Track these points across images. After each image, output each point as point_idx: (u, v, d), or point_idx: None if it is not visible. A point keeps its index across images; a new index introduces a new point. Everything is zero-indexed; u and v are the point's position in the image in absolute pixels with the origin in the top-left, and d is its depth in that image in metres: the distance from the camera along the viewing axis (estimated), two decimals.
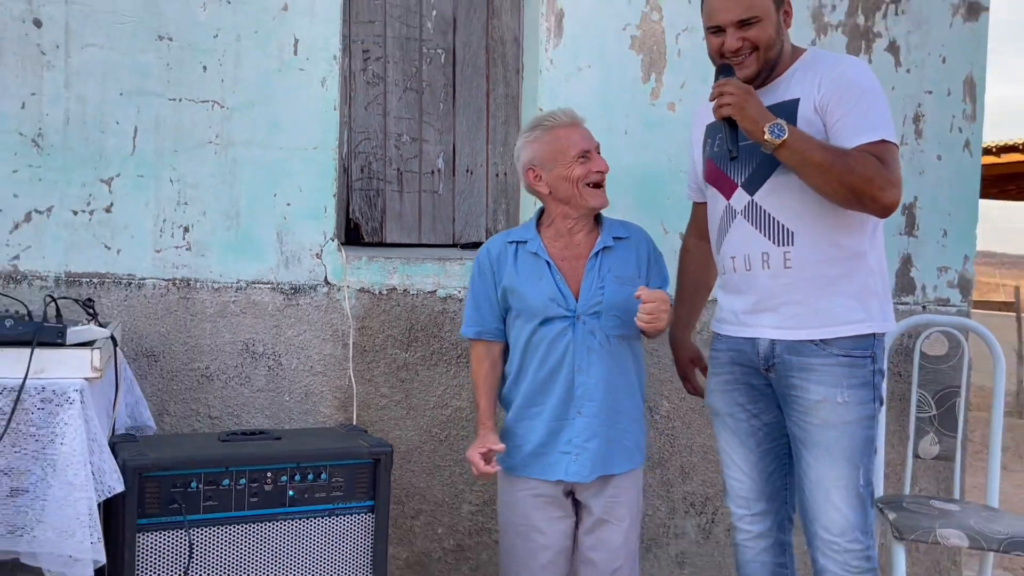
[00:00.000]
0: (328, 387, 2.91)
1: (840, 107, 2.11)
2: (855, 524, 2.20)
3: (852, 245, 2.23)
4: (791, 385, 2.25)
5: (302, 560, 2.29)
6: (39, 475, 1.98)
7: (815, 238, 2.20)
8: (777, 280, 2.23)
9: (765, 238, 2.24)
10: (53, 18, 2.65)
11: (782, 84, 2.24)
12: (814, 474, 2.25)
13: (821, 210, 2.16)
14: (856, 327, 2.21)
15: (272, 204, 2.84)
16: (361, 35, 3.04)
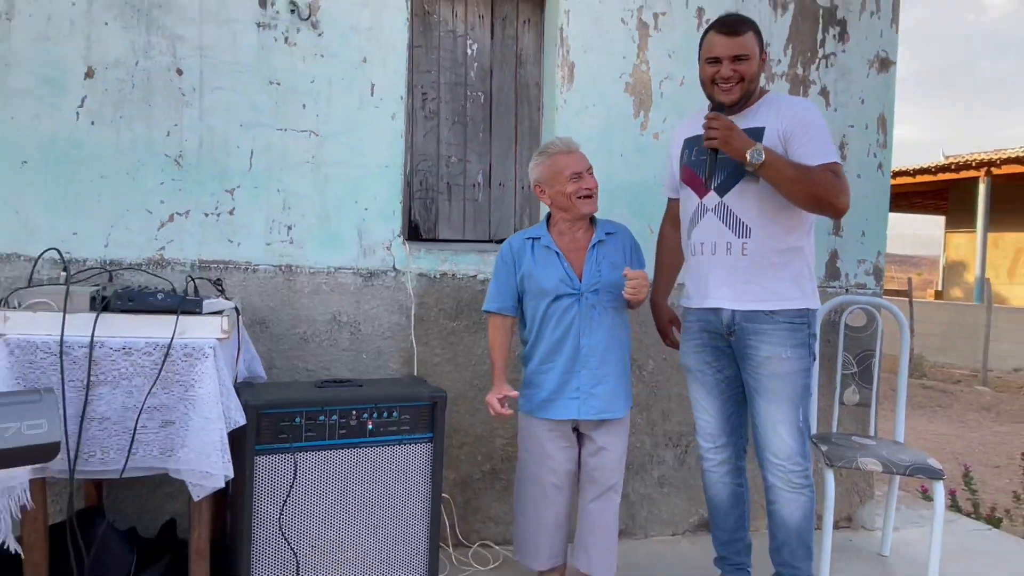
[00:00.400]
0: (395, 348, 2.85)
1: (801, 136, 2.12)
2: (796, 451, 2.23)
3: (793, 241, 2.25)
4: (747, 345, 2.26)
5: (378, 479, 2.26)
6: (183, 411, 1.96)
7: (767, 233, 2.20)
8: (736, 264, 2.24)
9: (729, 231, 2.24)
10: (191, 68, 2.59)
11: (750, 114, 2.23)
12: (765, 413, 2.27)
13: (773, 213, 2.18)
14: (795, 302, 2.24)
15: (354, 209, 2.79)
16: (421, 82, 2.98)
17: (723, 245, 2.26)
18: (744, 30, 2.16)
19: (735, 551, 2.52)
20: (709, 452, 2.47)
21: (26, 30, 2.47)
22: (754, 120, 2.21)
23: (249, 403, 2.05)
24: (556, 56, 2.96)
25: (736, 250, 2.24)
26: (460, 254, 2.92)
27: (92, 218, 2.53)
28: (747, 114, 2.23)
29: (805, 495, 2.28)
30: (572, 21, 2.95)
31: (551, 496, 2.40)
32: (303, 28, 2.69)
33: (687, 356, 2.47)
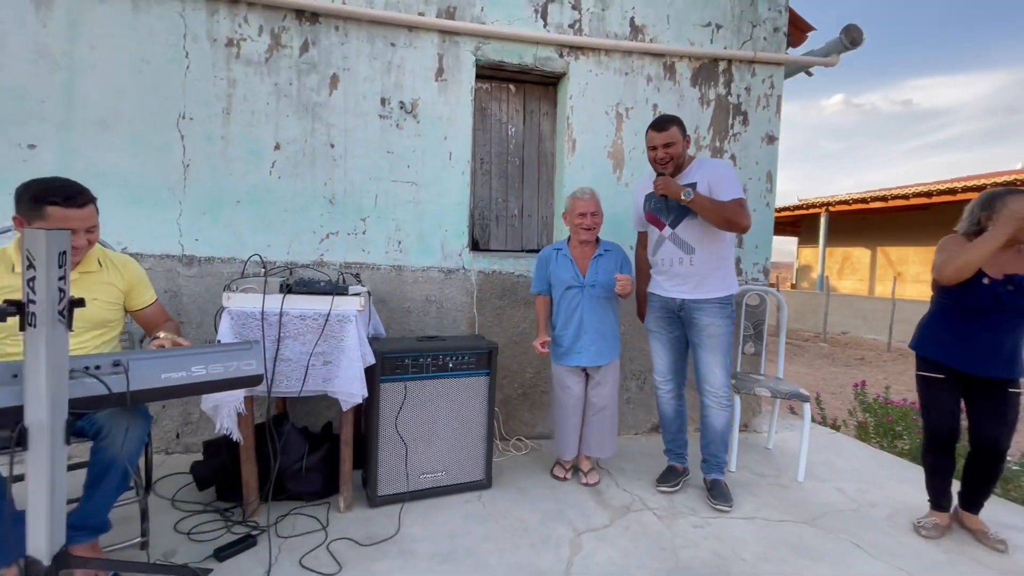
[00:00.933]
0: (463, 317, 2.87)
1: (721, 183, 2.14)
2: (724, 382, 2.25)
3: (721, 253, 2.25)
4: (693, 318, 2.26)
5: (455, 398, 2.28)
6: (336, 355, 1.99)
7: (705, 251, 2.23)
8: (686, 271, 2.26)
9: (680, 251, 2.25)
10: (339, 143, 2.63)
11: (687, 175, 2.24)
12: (705, 359, 2.28)
13: (708, 238, 2.21)
14: (724, 292, 2.26)
15: (439, 231, 2.80)
16: (480, 152, 2.98)
17: (676, 260, 2.28)
18: (670, 126, 2.18)
19: (676, 445, 2.54)
20: (660, 384, 2.48)
21: (239, 120, 2.57)
22: (689, 178, 2.22)
23: (377, 350, 2.07)
24: (564, 135, 2.95)
25: (686, 262, 2.26)
26: (503, 259, 2.91)
27: (279, 236, 2.58)
28: (684, 175, 2.25)
29: (728, 410, 2.32)
30: (575, 113, 2.95)
31: (571, 412, 2.42)
32: (408, 119, 2.75)
33: (651, 323, 2.47)
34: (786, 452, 3.05)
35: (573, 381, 2.43)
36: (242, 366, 1.47)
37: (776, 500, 2.42)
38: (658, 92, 3.06)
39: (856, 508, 2.38)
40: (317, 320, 1.99)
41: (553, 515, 2.18)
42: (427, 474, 2.25)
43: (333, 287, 2.03)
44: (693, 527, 2.14)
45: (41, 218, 1.50)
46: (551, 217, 3.14)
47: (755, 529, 2.15)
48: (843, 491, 2.55)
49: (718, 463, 2.39)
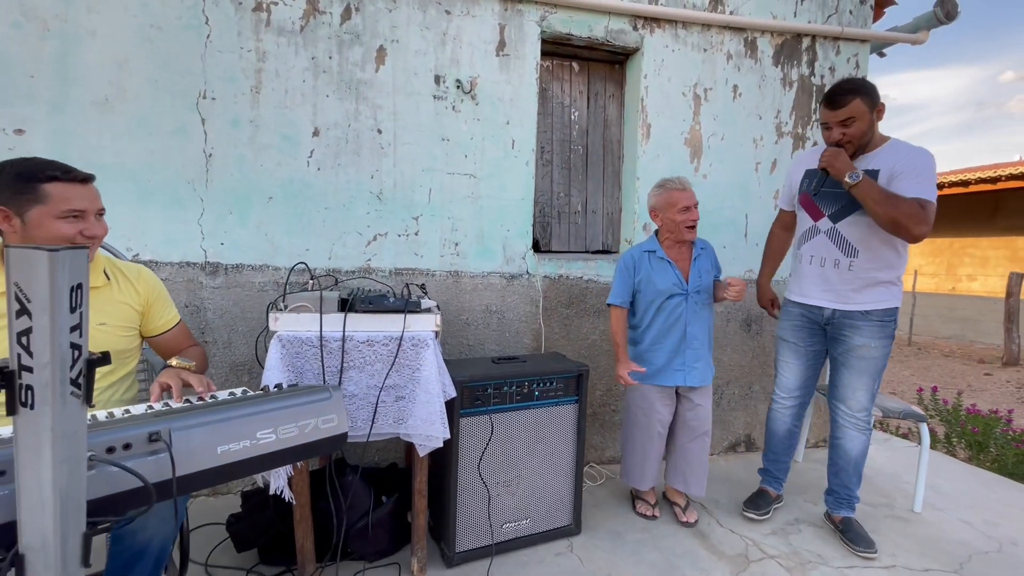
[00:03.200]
0: (528, 329, 2.46)
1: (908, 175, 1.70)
2: (867, 406, 1.92)
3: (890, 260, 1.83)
4: (843, 335, 1.87)
5: (542, 431, 1.89)
6: (411, 388, 1.58)
7: (872, 254, 1.80)
8: (843, 276, 1.85)
9: (839, 251, 1.84)
10: (387, 129, 2.20)
11: (869, 158, 1.79)
12: (849, 380, 1.91)
13: (874, 240, 1.77)
14: (888, 304, 1.85)
15: (500, 230, 2.38)
16: (541, 141, 2.56)
17: (831, 261, 1.85)
18: (850, 99, 1.71)
19: (778, 469, 2.19)
20: (782, 399, 2.11)
21: (270, 100, 2.11)
22: (874, 162, 1.76)
23: (456, 379, 1.67)
24: (637, 119, 2.54)
25: (843, 265, 1.83)
26: (571, 261, 2.51)
27: (319, 238, 2.14)
28: (869, 157, 1.78)
29: (867, 436, 1.93)
30: (649, 94, 2.54)
31: (655, 439, 2.04)
32: (465, 99, 2.31)
33: (786, 332, 2.06)
34: (881, 473, 2.69)
35: (664, 404, 2.05)
36: (321, 424, 1.05)
37: (904, 539, 2.05)
38: (738, 72, 2.66)
39: (999, 548, 2.02)
40: (388, 346, 1.57)
41: (665, 570, 1.79)
42: (510, 523, 1.85)
43: (404, 303, 1.61)
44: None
45: (37, 201, 1.08)
46: (617, 214, 2.73)
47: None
48: (970, 524, 2.20)
49: (849, 497, 2.02)
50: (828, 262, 1.87)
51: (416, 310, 1.62)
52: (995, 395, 5.47)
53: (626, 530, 2.04)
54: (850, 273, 1.83)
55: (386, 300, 1.61)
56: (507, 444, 1.82)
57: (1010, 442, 3.05)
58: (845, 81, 1.77)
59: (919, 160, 1.70)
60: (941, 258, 12.76)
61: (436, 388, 1.58)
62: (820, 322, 1.95)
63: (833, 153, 1.74)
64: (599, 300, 2.54)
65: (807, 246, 1.94)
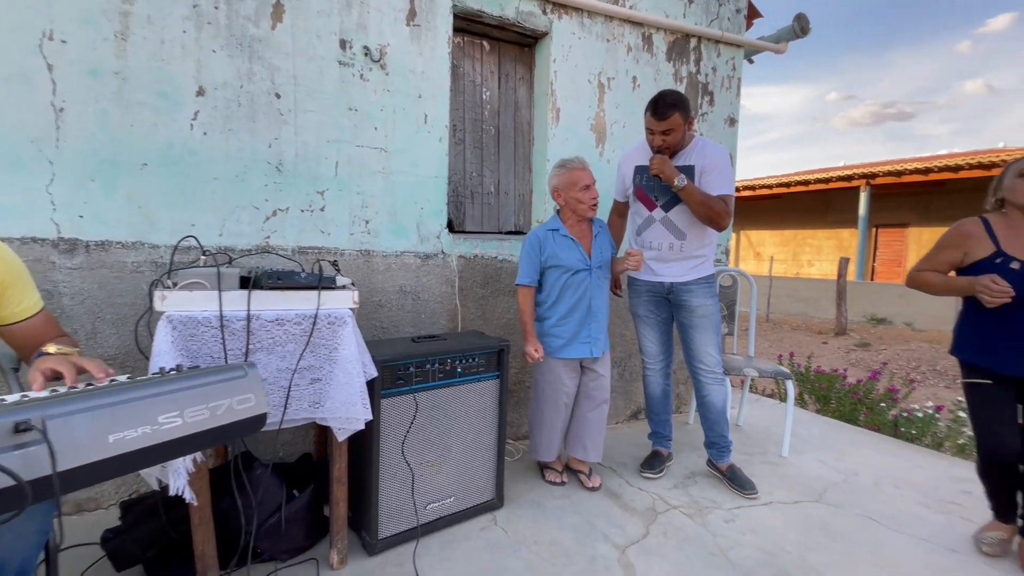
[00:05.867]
0: (444, 309, 2.42)
1: (712, 172, 2.06)
2: (718, 360, 2.23)
3: (708, 238, 2.17)
4: (683, 300, 2.17)
5: (467, 405, 1.87)
6: (328, 369, 1.48)
7: (696, 236, 2.14)
8: (676, 256, 2.15)
9: (672, 236, 2.14)
10: (287, 93, 2.00)
11: (684, 155, 2.11)
12: (698, 339, 2.20)
13: (696, 225, 2.10)
14: (709, 272, 2.19)
15: (414, 208, 2.30)
16: (454, 118, 2.51)
17: (667, 245, 2.15)
18: (671, 113, 1.97)
19: (663, 427, 2.42)
20: (651, 365, 2.35)
21: (141, 50, 1.80)
22: (688, 159, 2.07)
23: (376, 358, 1.58)
24: (547, 103, 2.59)
25: (676, 247, 2.14)
26: (485, 241, 2.49)
27: (208, 212, 1.89)
28: (683, 155, 2.08)
29: (724, 386, 2.23)
30: (558, 79, 2.61)
31: (562, 411, 2.13)
32: (374, 68, 2.18)
33: (638, 307, 2.31)
34: (755, 428, 3.06)
35: (570, 376, 2.13)
36: (236, 404, 0.93)
37: (777, 479, 2.36)
38: (637, 64, 2.82)
39: (845, 479, 2.40)
40: (301, 325, 1.44)
41: (585, 531, 1.87)
42: (434, 503, 1.81)
43: (318, 278, 1.48)
44: (725, 522, 1.97)
45: None
46: (529, 195, 2.77)
47: (779, 515, 2.04)
48: (824, 462, 2.59)
49: (726, 444, 2.28)
50: (664, 245, 2.16)
51: (332, 286, 1.51)
52: (831, 359, 6.51)
53: (546, 499, 2.09)
54: (681, 253, 2.14)
55: (297, 276, 1.47)
56: (431, 423, 1.77)
57: (847, 394, 3.64)
58: (668, 94, 1.99)
59: (721, 158, 2.06)
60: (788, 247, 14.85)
61: (356, 368, 1.48)
62: (663, 293, 2.22)
63: (661, 160, 2.01)
64: (512, 280, 2.56)
65: (647, 233, 2.20)
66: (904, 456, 2.74)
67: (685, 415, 3.18)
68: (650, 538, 1.85)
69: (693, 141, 2.12)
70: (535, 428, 2.21)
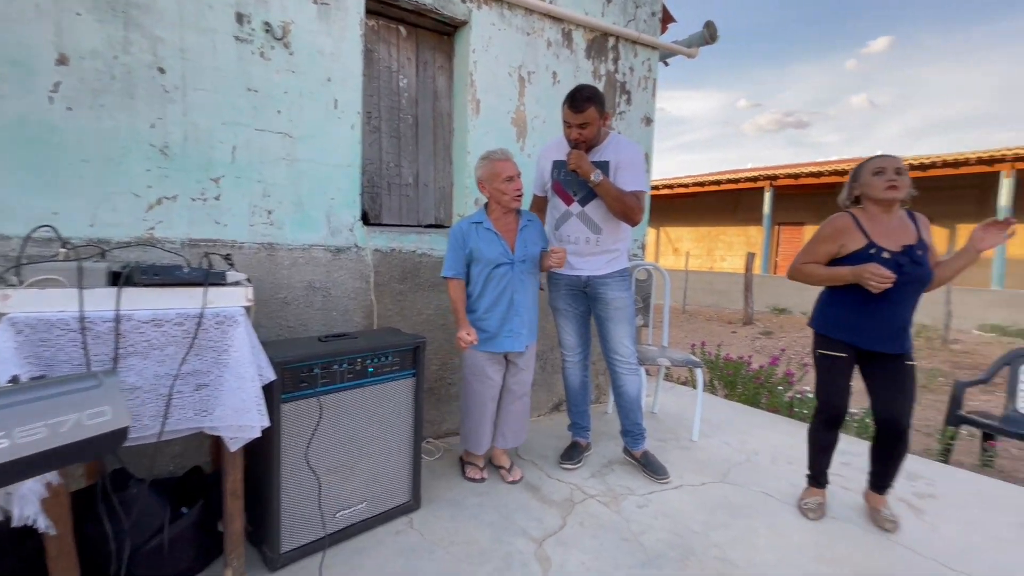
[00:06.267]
0: (358, 306, 2.30)
1: (626, 169, 2.10)
2: (633, 351, 2.29)
3: (623, 232, 2.22)
4: (599, 293, 2.21)
5: (379, 406, 1.79)
6: (216, 374, 1.36)
7: (611, 230, 2.17)
8: (593, 249, 2.18)
9: (588, 230, 2.16)
10: (173, 68, 1.80)
11: (600, 150, 2.13)
12: (613, 331, 2.25)
13: (611, 220, 2.14)
14: (624, 265, 2.24)
15: (323, 198, 2.16)
16: (368, 105, 2.39)
17: (583, 239, 2.18)
18: (587, 106, 2.00)
19: (582, 418, 2.47)
20: (569, 357, 2.39)
21: None
22: (603, 155, 2.11)
23: (275, 360, 1.47)
24: (467, 94, 2.54)
25: (592, 241, 2.17)
26: (404, 235, 2.40)
27: (75, 198, 1.65)
28: (598, 150, 2.12)
29: (638, 376, 2.32)
30: (478, 69, 2.56)
31: (489, 404, 2.13)
32: (277, 46, 2.01)
33: (557, 301, 2.33)
34: (669, 414, 3.21)
35: (495, 370, 2.13)
36: (87, 420, 0.82)
37: (687, 463, 2.49)
38: (557, 60, 2.84)
39: (747, 459, 2.58)
40: (183, 325, 1.29)
41: (502, 527, 1.86)
42: (345, 510, 1.72)
43: (204, 274, 1.34)
44: (639, 508, 2.05)
45: None
46: (449, 188, 2.71)
47: (688, 497, 2.15)
48: (729, 444, 2.77)
49: (641, 432, 2.37)
50: (581, 239, 2.20)
51: (220, 282, 1.37)
52: (739, 346, 7.02)
53: (465, 497, 2.06)
54: (597, 247, 2.19)
55: (178, 271, 1.32)
56: (340, 426, 1.68)
57: (750, 380, 3.93)
58: (585, 88, 2.03)
59: (635, 155, 2.12)
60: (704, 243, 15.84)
61: (249, 372, 1.36)
62: (580, 287, 2.27)
63: (578, 156, 2.04)
64: (433, 274, 2.49)
65: (564, 227, 2.23)
66: (798, 435, 2.99)
67: (605, 404, 3.28)
68: (567, 529, 1.87)
69: (608, 137, 2.16)
70: (464, 420, 2.20)
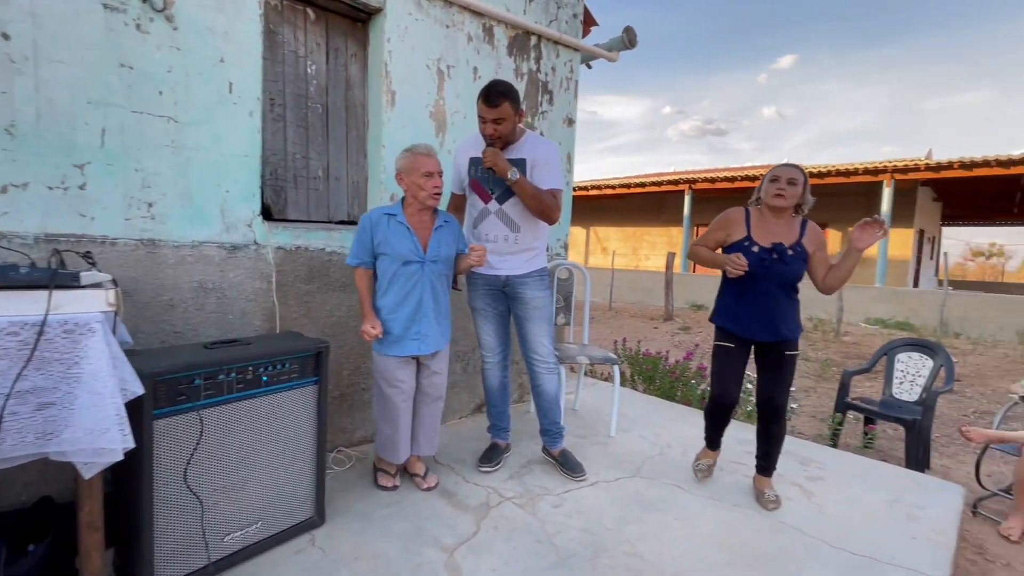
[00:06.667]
0: (258, 309, 2.12)
1: (543, 167, 2.11)
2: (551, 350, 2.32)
3: (541, 231, 2.22)
4: (518, 293, 2.19)
5: (276, 418, 1.66)
6: (65, 390, 1.19)
7: (529, 228, 2.16)
8: (511, 248, 2.16)
9: (507, 228, 2.14)
10: (21, 35, 1.55)
11: (517, 148, 2.12)
12: (532, 330, 2.25)
13: (529, 218, 2.12)
14: (543, 265, 2.23)
15: (216, 191, 1.97)
16: (269, 89, 2.20)
17: (502, 237, 2.16)
18: (501, 101, 1.98)
19: (502, 419, 2.45)
20: (489, 358, 2.37)
21: None
22: (519, 153, 2.10)
23: (145, 371, 1.30)
24: (381, 85, 2.42)
25: (511, 240, 2.15)
26: (311, 231, 2.25)
27: None
28: (514, 148, 2.11)
29: (556, 375, 2.33)
30: (394, 60, 2.44)
31: (402, 409, 2.03)
32: (157, 19, 1.79)
33: (476, 301, 2.30)
34: (590, 411, 3.28)
35: (406, 374, 2.05)
36: None
37: (604, 459, 2.54)
38: (478, 55, 2.79)
39: (660, 452, 2.68)
40: (19, 335, 1.11)
41: (413, 537, 1.79)
42: (236, 533, 1.57)
43: (47, 275, 1.16)
44: (554, 508, 2.05)
45: None
46: (363, 182, 2.58)
47: (602, 494, 2.19)
48: (644, 438, 2.86)
49: (559, 431, 2.38)
50: (499, 237, 2.18)
51: (70, 284, 1.20)
52: (660, 342, 7.35)
53: (375, 508, 1.97)
54: (516, 245, 2.18)
55: (12, 272, 1.14)
56: (229, 442, 1.53)
57: (667, 374, 4.11)
58: (499, 83, 2.02)
59: (552, 154, 2.14)
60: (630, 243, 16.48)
61: (108, 387, 1.19)
62: (499, 287, 2.25)
63: (494, 153, 2.02)
64: (345, 274, 2.36)
65: (483, 226, 2.21)
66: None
67: (527, 403, 3.28)
68: (480, 535, 1.84)
69: (524, 135, 2.15)
70: (379, 428, 2.10)
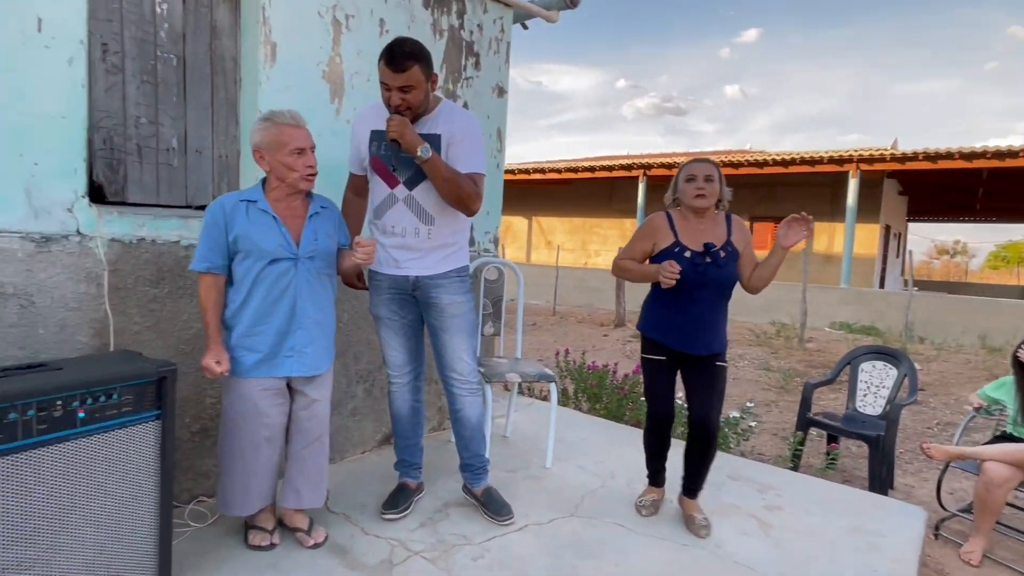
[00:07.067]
0: (83, 320, 1.90)
1: (461, 144, 2.05)
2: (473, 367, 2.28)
3: (461, 223, 2.16)
4: (431, 297, 2.11)
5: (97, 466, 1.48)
6: None
7: (446, 221, 2.08)
8: (423, 243, 2.06)
9: (417, 219, 2.04)
10: None
11: (430, 121, 2.02)
12: (449, 344, 2.18)
13: (446, 207, 2.03)
14: (463, 263, 2.17)
15: (19, 163, 1.73)
16: (100, 30, 1.96)
17: (412, 230, 2.05)
18: (409, 65, 1.85)
19: (412, 454, 2.37)
20: (396, 378, 2.27)
21: None
22: (433, 127, 2.01)
23: None
24: (258, 33, 2.23)
25: (423, 233, 2.05)
26: (160, 219, 2.05)
27: None
28: (427, 121, 2.01)
29: (479, 397, 2.28)
30: (273, 3, 2.26)
31: (263, 448, 1.88)
32: None
33: (379, 308, 2.19)
34: (524, 437, 3.25)
35: (273, 404, 1.89)
36: None
37: (537, 495, 2.52)
38: (386, 4, 2.68)
39: (602, 484, 2.70)
40: None
41: None
42: None
43: None
44: (473, 560, 2.00)
45: None
46: (235, 156, 2.40)
47: (533, 539, 2.16)
48: (584, 468, 2.87)
49: (483, 465, 2.33)
50: (409, 231, 2.07)
51: None
52: (610, 352, 7.51)
53: (243, 574, 1.81)
54: (429, 240, 2.08)
55: None
56: (25, 503, 1.33)
57: (615, 391, 4.17)
58: (406, 42, 1.91)
59: (471, 128, 2.06)
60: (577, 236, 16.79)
61: None
62: (408, 290, 2.14)
63: (400, 122, 1.88)
64: None
65: (388, 216, 2.08)
66: None
67: (448, 431, 3.20)
68: None
69: (440, 105, 2.06)
70: (224, 474, 1.92)
